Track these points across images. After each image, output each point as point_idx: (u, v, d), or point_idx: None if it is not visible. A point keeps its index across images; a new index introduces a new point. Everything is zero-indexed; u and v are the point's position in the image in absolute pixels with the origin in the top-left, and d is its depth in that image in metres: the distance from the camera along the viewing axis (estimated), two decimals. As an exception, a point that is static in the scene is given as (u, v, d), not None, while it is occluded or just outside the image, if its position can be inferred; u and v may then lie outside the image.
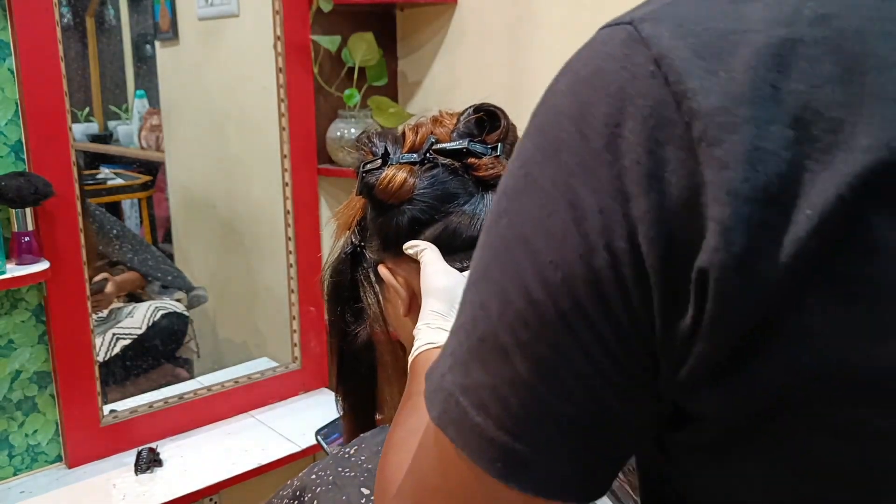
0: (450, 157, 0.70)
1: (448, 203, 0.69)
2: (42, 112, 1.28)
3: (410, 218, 0.69)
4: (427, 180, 0.69)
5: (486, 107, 0.73)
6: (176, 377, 1.77)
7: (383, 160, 0.71)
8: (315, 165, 1.67)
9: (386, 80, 1.76)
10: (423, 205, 0.69)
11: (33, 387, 1.38)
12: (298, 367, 1.72)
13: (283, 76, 1.59)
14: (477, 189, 0.70)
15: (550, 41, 1.49)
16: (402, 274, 0.72)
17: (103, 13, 1.84)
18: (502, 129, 0.72)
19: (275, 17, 1.58)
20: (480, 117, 0.72)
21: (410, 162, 0.70)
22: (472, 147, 0.69)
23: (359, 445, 0.67)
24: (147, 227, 1.97)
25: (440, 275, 0.65)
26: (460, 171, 0.70)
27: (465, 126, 0.72)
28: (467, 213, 0.69)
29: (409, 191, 0.69)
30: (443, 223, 0.69)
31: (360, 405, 0.84)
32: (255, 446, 1.49)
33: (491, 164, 0.70)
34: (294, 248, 1.67)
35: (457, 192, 0.69)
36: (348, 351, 0.81)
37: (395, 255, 0.72)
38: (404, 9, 1.79)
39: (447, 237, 0.68)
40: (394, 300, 0.74)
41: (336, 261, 0.80)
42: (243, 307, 1.96)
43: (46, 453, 1.42)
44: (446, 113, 0.75)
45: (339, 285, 0.80)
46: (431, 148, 0.70)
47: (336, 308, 0.81)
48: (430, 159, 0.70)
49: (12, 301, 1.34)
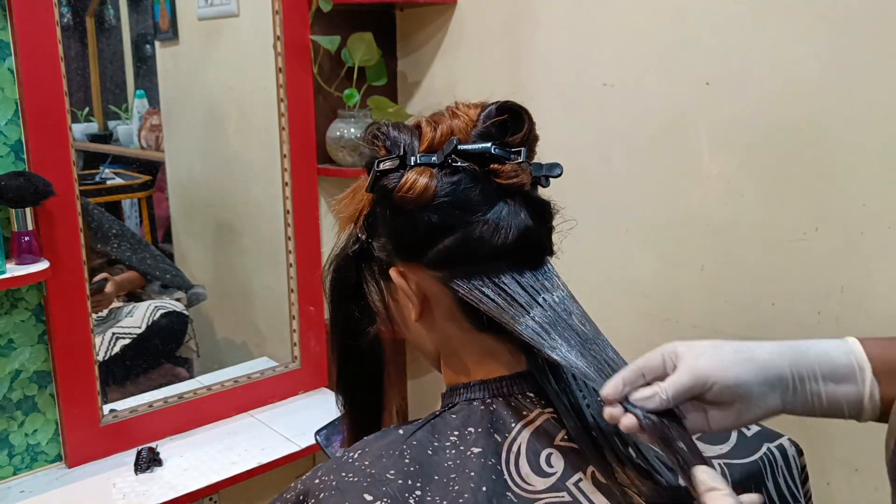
0: (471, 160, 0.66)
1: (469, 211, 0.65)
2: (42, 112, 1.28)
3: (430, 225, 0.66)
4: (448, 186, 0.65)
5: (510, 106, 0.69)
6: (176, 377, 1.77)
7: (401, 161, 0.67)
8: (315, 165, 1.68)
9: (385, 79, 1.76)
10: (444, 212, 0.65)
11: (33, 386, 1.38)
12: (298, 366, 1.72)
13: (283, 76, 1.59)
14: (498, 197, 0.66)
15: (550, 41, 1.49)
16: (413, 279, 0.69)
17: (103, 13, 1.83)
18: (525, 130, 0.69)
19: (274, 17, 1.58)
20: (503, 118, 0.68)
21: (430, 164, 0.66)
22: (496, 152, 0.66)
23: (362, 450, 0.66)
24: (147, 226, 1.97)
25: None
26: (481, 176, 0.66)
27: (486, 125, 0.68)
28: (490, 223, 0.65)
29: (431, 197, 0.65)
30: (463, 232, 0.65)
31: (364, 407, 0.82)
32: (254, 446, 1.50)
33: (514, 172, 0.66)
34: (293, 247, 1.68)
35: (479, 200, 0.66)
36: (352, 350, 0.79)
37: (408, 260, 0.69)
38: (404, 9, 1.79)
39: (470, 247, 0.65)
40: (404, 303, 0.72)
41: (340, 257, 0.76)
42: (243, 307, 1.96)
43: (46, 453, 1.42)
44: (463, 105, 0.71)
45: (343, 282, 0.76)
46: (454, 151, 0.66)
47: (340, 306, 0.78)
48: (451, 162, 0.66)
49: (12, 301, 1.34)
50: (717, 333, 1.29)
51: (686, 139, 1.30)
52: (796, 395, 0.60)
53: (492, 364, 0.70)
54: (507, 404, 0.67)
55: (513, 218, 0.66)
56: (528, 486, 0.61)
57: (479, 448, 0.64)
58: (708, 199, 1.29)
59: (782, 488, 0.69)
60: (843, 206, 1.13)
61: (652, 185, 1.37)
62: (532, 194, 0.69)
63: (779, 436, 0.72)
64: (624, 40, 1.37)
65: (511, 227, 0.65)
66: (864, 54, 1.08)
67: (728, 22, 1.22)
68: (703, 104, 1.27)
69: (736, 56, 1.22)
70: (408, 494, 0.60)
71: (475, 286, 0.66)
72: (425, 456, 0.64)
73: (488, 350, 0.70)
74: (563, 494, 0.60)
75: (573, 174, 1.48)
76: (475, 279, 0.66)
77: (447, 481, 0.62)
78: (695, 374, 0.58)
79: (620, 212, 1.42)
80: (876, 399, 0.59)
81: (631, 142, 1.39)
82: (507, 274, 0.66)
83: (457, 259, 0.66)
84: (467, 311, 0.68)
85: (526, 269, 0.67)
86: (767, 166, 1.21)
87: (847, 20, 1.09)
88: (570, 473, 0.62)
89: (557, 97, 1.50)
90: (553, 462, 0.63)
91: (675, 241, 1.35)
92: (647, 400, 0.58)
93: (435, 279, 0.68)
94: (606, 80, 1.41)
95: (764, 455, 0.68)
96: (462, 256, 0.66)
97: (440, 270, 0.68)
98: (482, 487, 0.60)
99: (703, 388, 0.58)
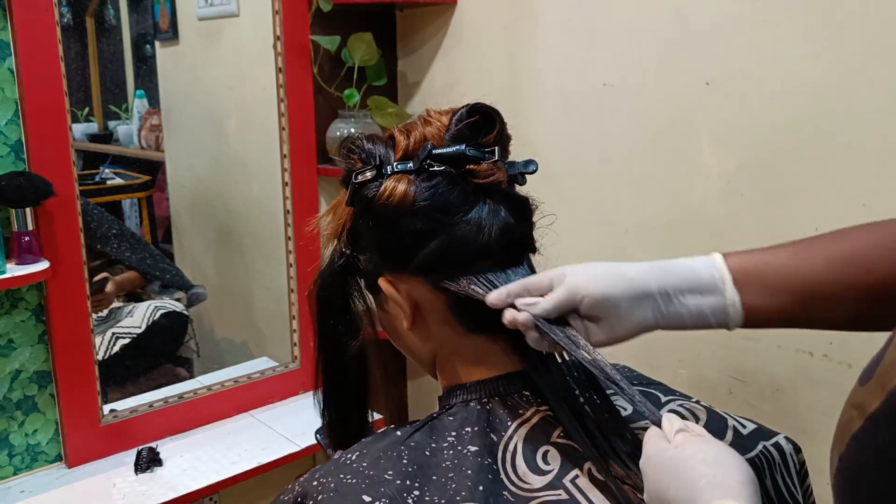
0: (447, 163, 0.67)
1: (451, 213, 0.66)
2: (42, 112, 1.28)
3: (413, 231, 0.67)
4: (427, 191, 0.66)
5: (480, 107, 0.70)
6: (176, 377, 1.77)
7: (378, 171, 0.68)
8: (315, 165, 1.68)
9: (385, 79, 1.76)
10: (426, 217, 0.66)
11: (33, 386, 1.38)
12: (298, 366, 1.72)
13: (283, 76, 1.59)
14: (477, 197, 0.67)
15: (550, 41, 1.49)
16: (403, 287, 0.70)
17: (103, 13, 1.83)
18: (497, 130, 0.69)
19: (274, 17, 1.58)
20: (475, 119, 0.69)
21: (407, 171, 0.67)
22: (469, 152, 0.67)
23: (361, 451, 0.66)
24: (147, 226, 1.97)
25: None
26: (458, 178, 0.67)
27: (458, 128, 0.69)
28: (472, 223, 0.66)
29: (410, 203, 0.66)
30: (447, 235, 0.66)
31: (350, 414, 0.82)
32: (254, 446, 1.50)
33: (490, 170, 0.67)
34: (293, 247, 1.68)
35: (458, 202, 0.66)
36: (337, 364, 0.79)
37: (396, 268, 0.70)
38: (404, 9, 1.79)
39: (455, 249, 0.66)
40: (395, 312, 0.72)
41: (327, 273, 0.77)
42: (243, 307, 1.96)
43: (46, 453, 1.42)
44: (434, 111, 0.72)
45: (330, 297, 0.77)
46: (429, 156, 0.67)
47: (328, 321, 0.78)
48: (427, 167, 0.67)
49: (12, 301, 1.34)
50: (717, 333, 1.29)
51: (686, 139, 1.30)
52: (666, 310, 0.64)
53: (486, 365, 0.70)
54: (504, 403, 0.68)
55: (494, 216, 0.67)
56: (525, 484, 0.62)
57: (476, 447, 0.64)
58: (708, 199, 1.29)
59: (780, 487, 0.69)
60: (843, 206, 1.13)
61: (652, 185, 1.37)
62: (510, 192, 0.70)
63: (775, 434, 0.72)
64: (624, 40, 1.37)
65: (493, 226, 0.66)
66: (864, 54, 1.08)
67: (728, 22, 1.22)
68: (703, 104, 1.27)
69: (736, 56, 1.22)
70: (406, 495, 0.60)
71: (465, 283, 0.66)
72: (423, 457, 0.64)
73: (482, 351, 0.70)
74: (560, 492, 0.61)
75: (573, 174, 1.49)
76: (463, 279, 0.67)
77: (445, 481, 0.62)
78: (569, 288, 0.63)
79: (620, 212, 1.42)
80: (737, 307, 0.63)
81: (631, 142, 1.39)
82: (493, 272, 0.67)
83: (444, 262, 0.67)
84: (459, 313, 0.69)
85: (510, 266, 0.68)
86: (767, 166, 1.21)
87: (847, 20, 1.09)
88: (567, 470, 0.62)
89: (557, 97, 1.50)
90: (549, 459, 0.63)
91: (675, 241, 1.35)
92: (530, 306, 0.63)
93: (424, 284, 0.69)
94: (606, 80, 1.41)
95: (760, 453, 0.68)
96: (448, 258, 0.67)
97: (428, 275, 0.68)
98: (479, 486, 0.60)
99: (576, 301, 0.62)
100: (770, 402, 1.24)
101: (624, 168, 1.41)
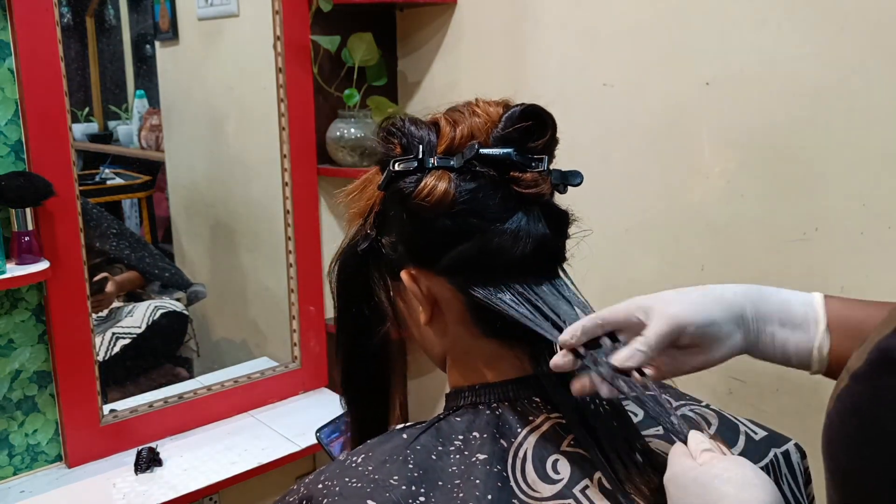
0: (492, 166, 0.64)
1: (488, 220, 0.63)
2: (42, 112, 1.28)
3: (446, 231, 0.64)
4: (468, 193, 0.63)
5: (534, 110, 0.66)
6: (176, 377, 1.77)
7: (419, 163, 0.64)
8: (315, 165, 1.68)
9: (385, 79, 1.76)
10: (462, 220, 0.63)
11: (33, 386, 1.38)
12: (298, 366, 1.72)
13: (283, 76, 1.59)
14: (517, 205, 0.64)
15: (550, 41, 1.49)
16: (425, 282, 0.68)
17: (103, 13, 1.83)
18: (548, 137, 0.66)
19: (274, 17, 1.58)
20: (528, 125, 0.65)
21: (449, 168, 0.64)
22: (517, 159, 0.64)
23: (366, 454, 0.65)
24: (147, 226, 1.97)
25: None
26: (501, 183, 0.64)
27: (508, 130, 0.65)
28: (509, 233, 0.63)
29: (450, 204, 0.63)
30: (481, 240, 0.63)
31: (372, 409, 0.79)
32: (254, 446, 1.50)
33: (535, 181, 0.64)
34: (294, 247, 1.68)
35: (498, 209, 0.63)
36: (359, 350, 0.76)
37: (420, 264, 0.67)
38: (404, 9, 1.79)
39: (487, 256, 0.63)
40: (413, 305, 0.70)
41: (348, 253, 0.74)
42: (243, 307, 1.96)
43: (46, 453, 1.42)
44: (483, 101, 0.68)
45: (351, 280, 0.74)
46: (475, 156, 0.63)
47: (348, 304, 0.75)
48: (471, 167, 0.64)
49: (12, 301, 1.34)
50: (717, 333, 1.29)
51: (686, 139, 1.30)
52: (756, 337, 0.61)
53: (497, 368, 0.69)
54: (514, 409, 0.66)
55: (532, 228, 0.64)
56: (535, 493, 0.61)
57: (485, 455, 0.63)
58: (708, 199, 1.29)
59: (787, 494, 0.68)
60: (843, 206, 1.13)
61: (652, 185, 1.37)
62: (551, 203, 0.67)
63: (786, 440, 0.70)
64: (624, 40, 1.37)
65: (529, 238, 0.64)
66: (864, 54, 1.08)
67: (728, 22, 1.22)
68: (703, 104, 1.27)
69: (736, 56, 1.22)
70: (412, 500, 0.60)
71: (493, 293, 0.64)
72: (429, 461, 0.63)
73: (494, 355, 0.69)
74: (570, 502, 0.59)
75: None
76: (492, 287, 0.64)
77: (451, 487, 0.61)
78: (671, 321, 0.58)
79: (620, 212, 1.42)
80: (824, 353, 0.61)
81: (631, 142, 1.39)
82: (523, 283, 0.65)
83: (473, 267, 0.64)
84: (478, 316, 0.67)
85: (541, 277, 0.66)
86: (767, 166, 1.21)
87: (847, 20, 1.09)
88: (577, 480, 0.61)
89: (557, 97, 1.49)
90: (559, 468, 0.62)
91: (675, 241, 1.35)
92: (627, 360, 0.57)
93: (448, 284, 0.67)
94: (606, 80, 1.41)
95: (771, 461, 0.67)
96: (479, 265, 0.64)
97: (454, 276, 0.66)
98: (487, 496, 0.59)
99: (679, 334, 0.59)
100: (770, 402, 1.24)
101: (624, 168, 1.41)
